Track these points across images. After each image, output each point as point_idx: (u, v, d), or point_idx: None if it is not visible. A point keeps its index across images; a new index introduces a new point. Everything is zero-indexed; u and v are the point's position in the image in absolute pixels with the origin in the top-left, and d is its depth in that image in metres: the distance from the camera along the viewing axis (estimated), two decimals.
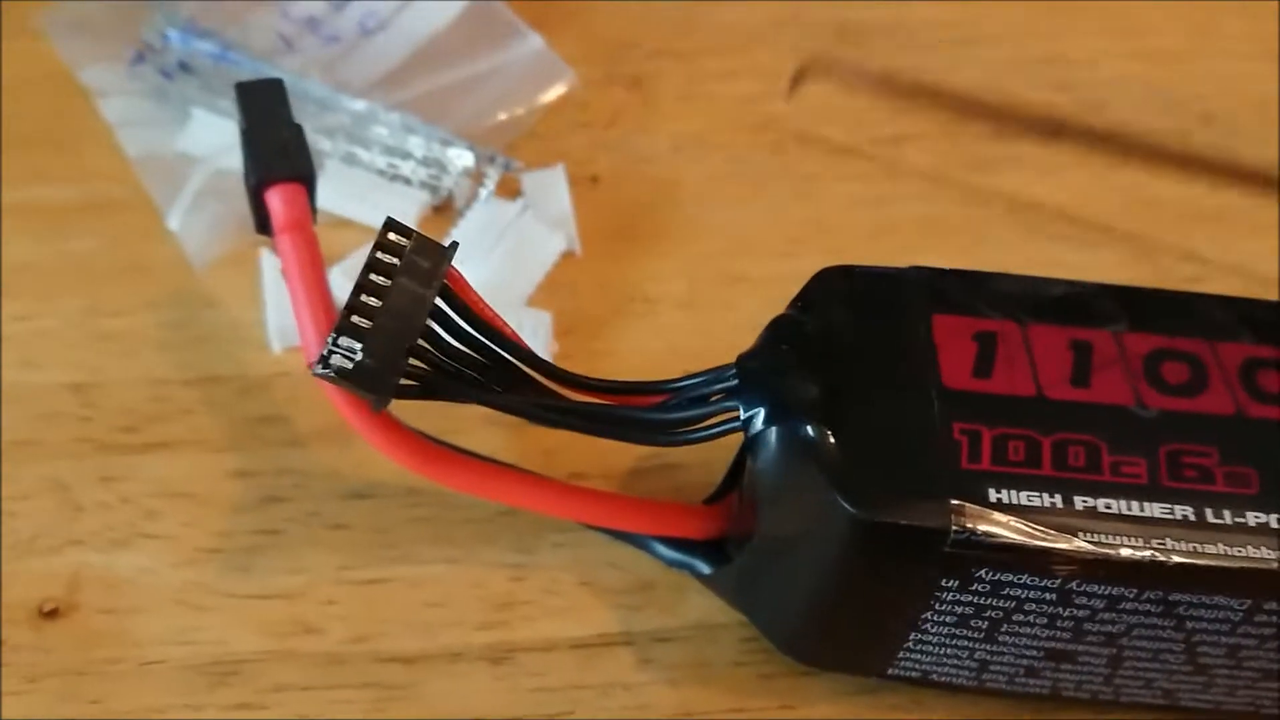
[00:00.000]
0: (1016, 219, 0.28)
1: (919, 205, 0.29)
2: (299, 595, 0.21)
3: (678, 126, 0.30)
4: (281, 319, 0.25)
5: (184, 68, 0.29)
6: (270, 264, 0.26)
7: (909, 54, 0.33)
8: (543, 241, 0.26)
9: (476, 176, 0.27)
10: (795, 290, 0.27)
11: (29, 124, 0.30)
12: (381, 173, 0.28)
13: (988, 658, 0.18)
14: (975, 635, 0.18)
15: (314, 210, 0.21)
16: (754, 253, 0.28)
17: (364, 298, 0.18)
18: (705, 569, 0.20)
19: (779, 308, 0.26)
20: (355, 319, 0.18)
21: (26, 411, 0.24)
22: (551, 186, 0.28)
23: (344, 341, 0.17)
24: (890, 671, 0.19)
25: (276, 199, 0.21)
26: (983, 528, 0.17)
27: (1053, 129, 0.31)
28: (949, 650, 0.18)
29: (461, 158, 0.27)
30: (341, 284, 0.25)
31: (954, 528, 0.16)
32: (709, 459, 0.22)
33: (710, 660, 0.21)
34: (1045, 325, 0.19)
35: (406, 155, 0.27)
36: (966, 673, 0.19)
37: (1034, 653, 0.18)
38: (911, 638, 0.18)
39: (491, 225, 0.26)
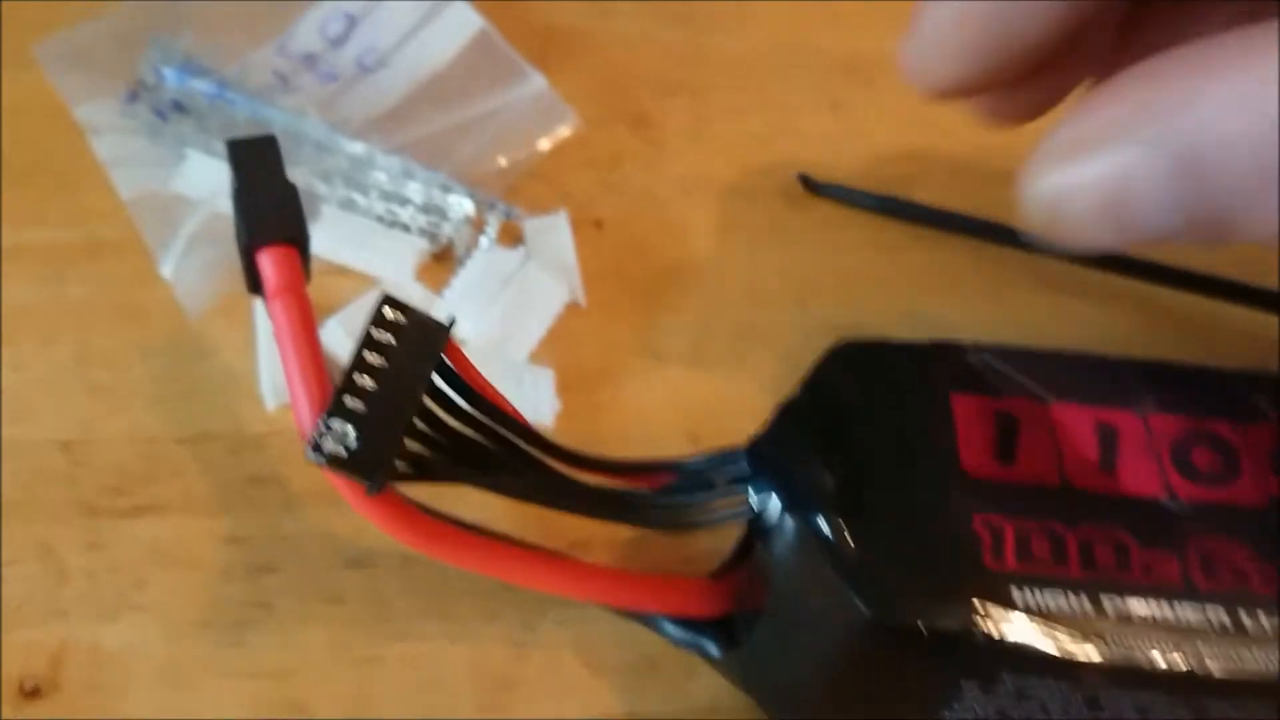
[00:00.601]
0: (1033, 266, 0.28)
1: (933, 251, 0.28)
2: (291, 674, 0.21)
3: (685, 167, 0.30)
4: (275, 374, 0.24)
5: (178, 107, 0.28)
6: (265, 315, 0.25)
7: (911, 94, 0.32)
8: (546, 293, 0.26)
9: (477, 224, 0.27)
10: (806, 344, 0.27)
11: (27, 160, 0.29)
12: (380, 219, 0.27)
13: None
14: None
15: (308, 270, 0.21)
16: (765, 303, 0.27)
17: (358, 377, 0.17)
18: (713, 650, 0.20)
19: (789, 362, 0.26)
20: (348, 400, 0.17)
21: (17, 470, 0.23)
22: (554, 233, 0.27)
23: (336, 425, 0.17)
24: None
25: (268, 262, 0.20)
26: (1006, 632, 0.16)
27: None
28: None
29: (462, 205, 0.26)
30: (338, 336, 0.25)
31: (976, 632, 0.16)
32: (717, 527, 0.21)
33: None
34: (1069, 404, 0.18)
35: (405, 201, 0.27)
36: None
37: None
38: None
39: (492, 275, 0.26)
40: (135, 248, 0.27)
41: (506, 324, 0.25)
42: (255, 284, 0.21)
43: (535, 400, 0.24)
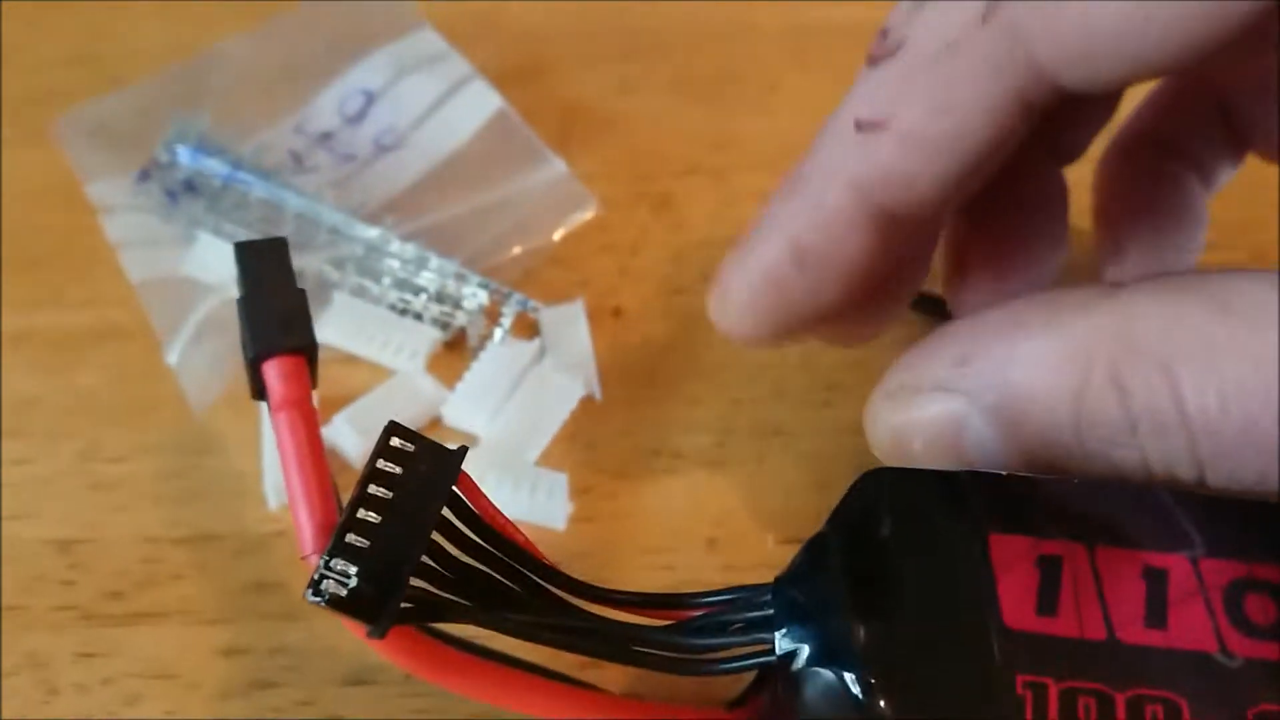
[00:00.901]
0: None
1: None
2: None
3: (708, 253, 0.29)
4: (279, 472, 0.23)
5: (189, 187, 0.28)
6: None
7: None
8: (561, 392, 0.25)
9: (492, 314, 0.26)
10: (831, 445, 0.26)
11: (37, 241, 0.29)
12: (392, 307, 0.26)
13: None
14: None
15: (315, 376, 0.20)
16: (790, 399, 0.26)
17: (362, 513, 0.16)
18: None
19: (812, 465, 0.25)
20: (351, 538, 0.16)
21: (15, 572, 0.22)
22: (571, 324, 0.26)
23: (338, 565, 0.16)
24: None
25: (274, 373, 0.19)
26: None
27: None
28: None
29: (476, 296, 0.26)
30: (346, 433, 0.24)
31: None
32: None
33: None
34: (1114, 549, 0.17)
35: (419, 290, 0.26)
36: None
37: None
38: None
39: (506, 370, 0.25)
40: (145, 333, 0.26)
41: (519, 423, 0.24)
42: (260, 391, 0.20)
43: (548, 506, 0.23)
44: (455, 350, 0.26)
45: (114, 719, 0.21)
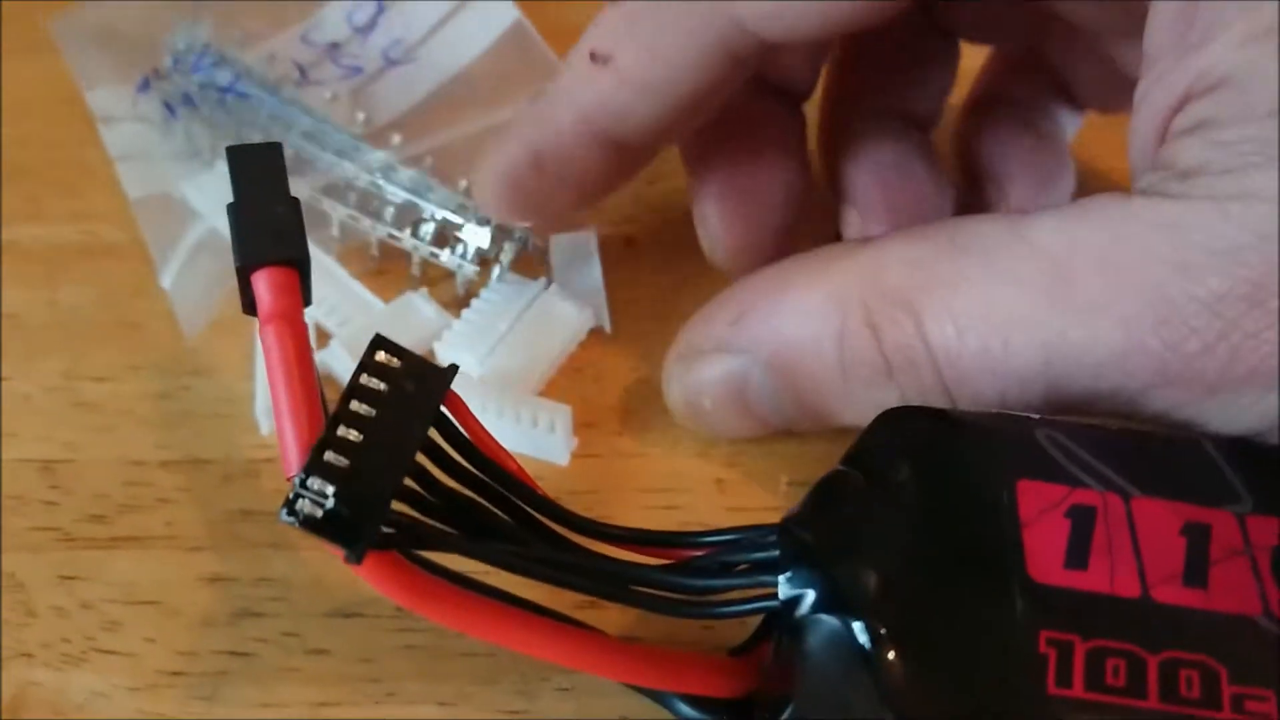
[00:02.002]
0: None
1: None
2: None
3: None
4: (270, 397, 0.22)
5: (188, 101, 0.26)
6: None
7: None
8: (566, 320, 0.23)
9: (497, 242, 0.24)
10: None
11: (31, 153, 0.27)
12: (391, 236, 0.25)
13: None
14: None
15: (308, 292, 0.19)
16: None
17: (342, 430, 0.15)
18: None
19: None
20: (330, 455, 0.15)
21: None
22: (581, 253, 0.25)
23: (315, 483, 0.15)
24: None
25: (264, 285, 0.18)
26: None
27: None
28: None
29: (477, 235, 0.24)
30: (342, 357, 0.23)
31: None
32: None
33: None
34: (1154, 500, 0.15)
35: (420, 221, 0.24)
36: None
37: None
38: None
39: (509, 303, 0.24)
40: (136, 251, 0.25)
41: (522, 353, 0.23)
42: (250, 305, 0.19)
43: (549, 441, 0.22)
44: (451, 281, 0.25)
45: (92, 644, 0.20)
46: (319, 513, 0.15)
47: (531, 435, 0.22)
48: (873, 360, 0.18)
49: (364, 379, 0.15)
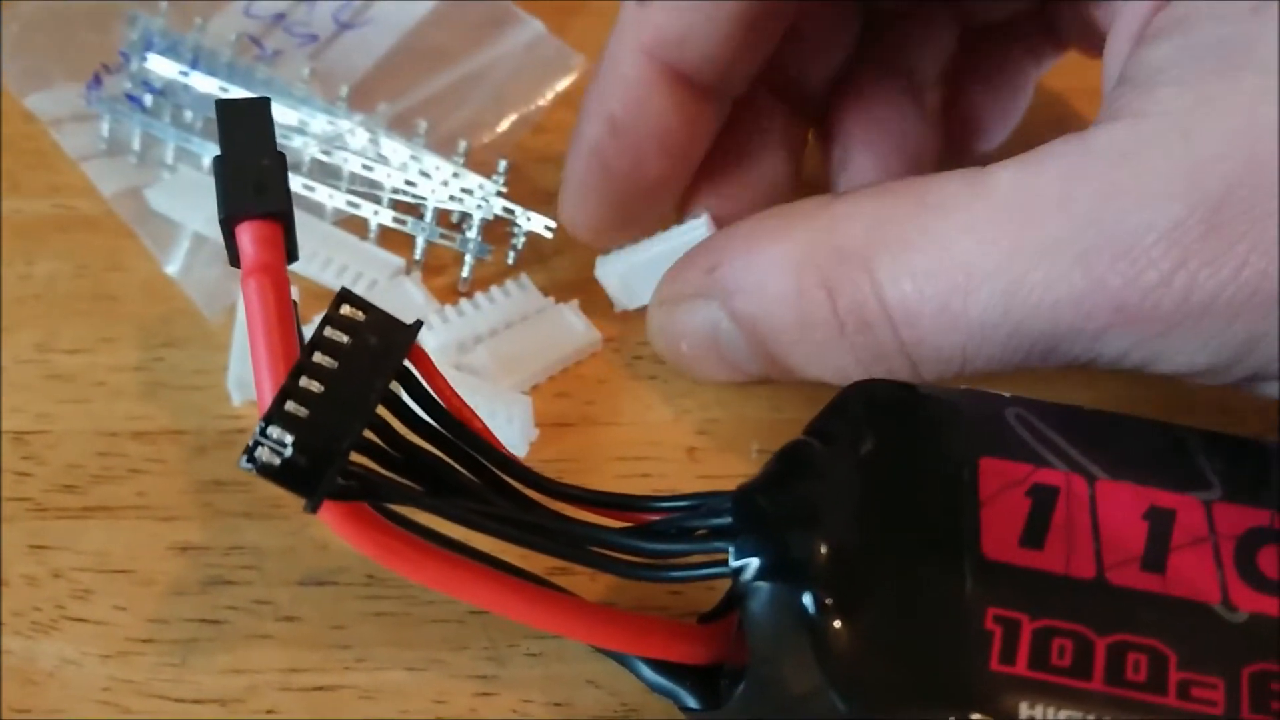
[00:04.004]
0: None
1: None
2: (237, 701, 0.19)
3: None
4: (245, 367, 0.22)
5: (150, 90, 0.26)
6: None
7: None
8: (573, 334, 0.23)
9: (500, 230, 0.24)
10: None
11: (5, 126, 0.27)
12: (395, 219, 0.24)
13: None
14: None
15: (293, 248, 0.19)
16: None
17: (304, 381, 0.15)
18: (690, 702, 0.17)
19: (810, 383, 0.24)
20: (291, 405, 0.15)
21: None
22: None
23: (274, 432, 0.15)
24: None
25: (247, 237, 0.18)
26: None
27: None
28: None
29: (482, 207, 0.24)
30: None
31: None
32: None
33: None
34: (1119, 483, 0.15)
35: (418, 199, 0.24)
36: None
37: None
38: None
39: (507, 307, 0.23)
40: (111, 226, 0.25)
41: (510, 354, 0.23)
42: (236, 257, 0.19)
43: (508, 431, 0.21)
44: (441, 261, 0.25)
45: (63, 612, 0.20)
46: (277, 461, 0.15)
47: (489, 426, 0.21)
48: (826, 321, 0.18)
49: (328, 331, 0.15)
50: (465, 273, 0.24)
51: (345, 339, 0.15)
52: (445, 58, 0.27)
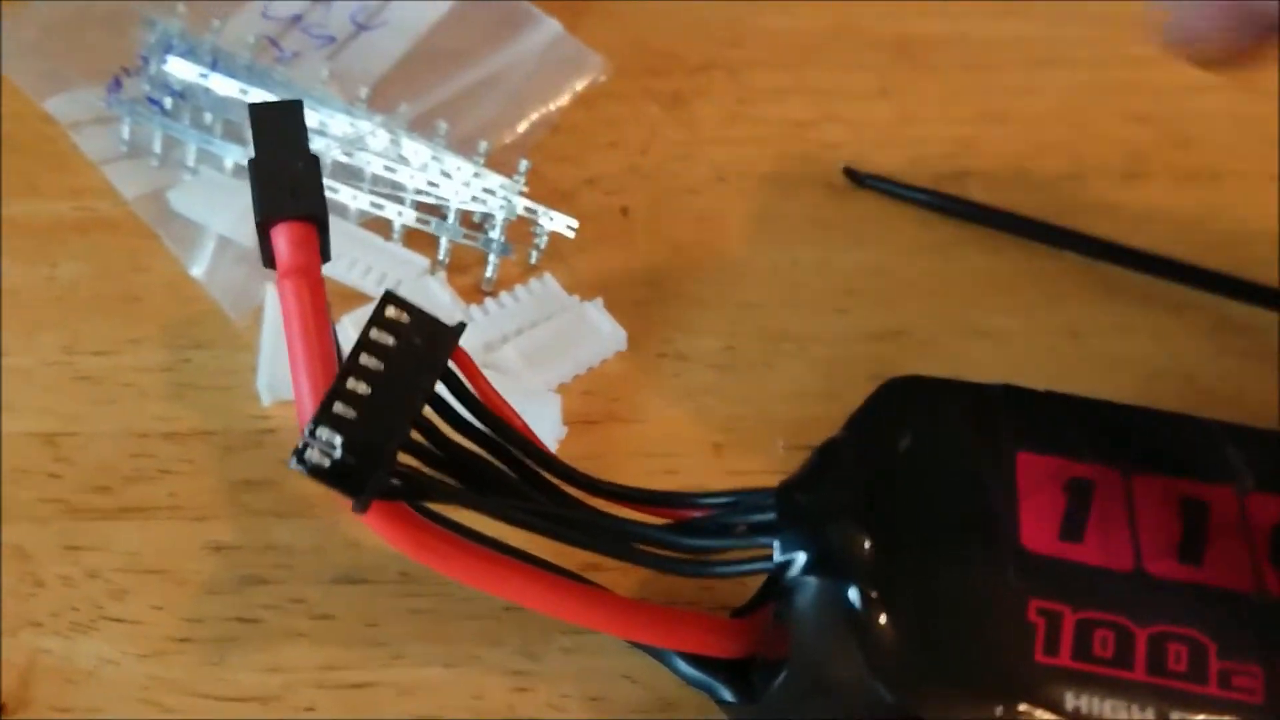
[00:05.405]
0: (1093, 272, 0.25)
1: (986, 253, 0.26)
2: (275, 699, 0.19)
3: (720, 152, 0.27)
4: (274, 368, 0.23)
5: (170, 90, 0.26)
6: (274, 302, 0.23)
7: (976, 74, 0.29)
8: (600, 334, 0.23)
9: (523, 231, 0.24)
10: (844, 352, 0.24)
11: (25, 128, 0.27)
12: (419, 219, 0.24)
13: None
14: None
15: (326, 249, 0.19)
16: (801, 305, 0.25)
17: (351, 382, 0.15)
18: (727, 695, 0.18)
19: (824, 372, 0.24)
20: (339, 407, 0.15)
21: None
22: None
23: (323, 433, 0.15)
24: None
25: (282, 239, 0.18)
26: None
27: (1134, 166, 0.27)
28: None
29: (505, 207, 0.24)
30: (351, 336, 0.23)
31: None
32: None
33: None
34: (1154, 476, 0.16)
35: (441, 201, 0.24)
36: None
37: None
38: None
39: (532, 305, 0.23)
40: (132, 227, 0.25)
41: (537, 356, 0.23)
42: (271, 259, 0.19)
43: (538, 429, 0.22)
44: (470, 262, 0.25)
45: (101, 612, 0.20)
46: (326, 462, 0.15)
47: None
48: None
49: (373, 333, 0.16)
50: (489, 272, 0.24)
51: (391, 340, 0.16)
52: (463, 58, 0.27)
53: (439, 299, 0.24)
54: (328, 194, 0.24)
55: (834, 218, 0.26)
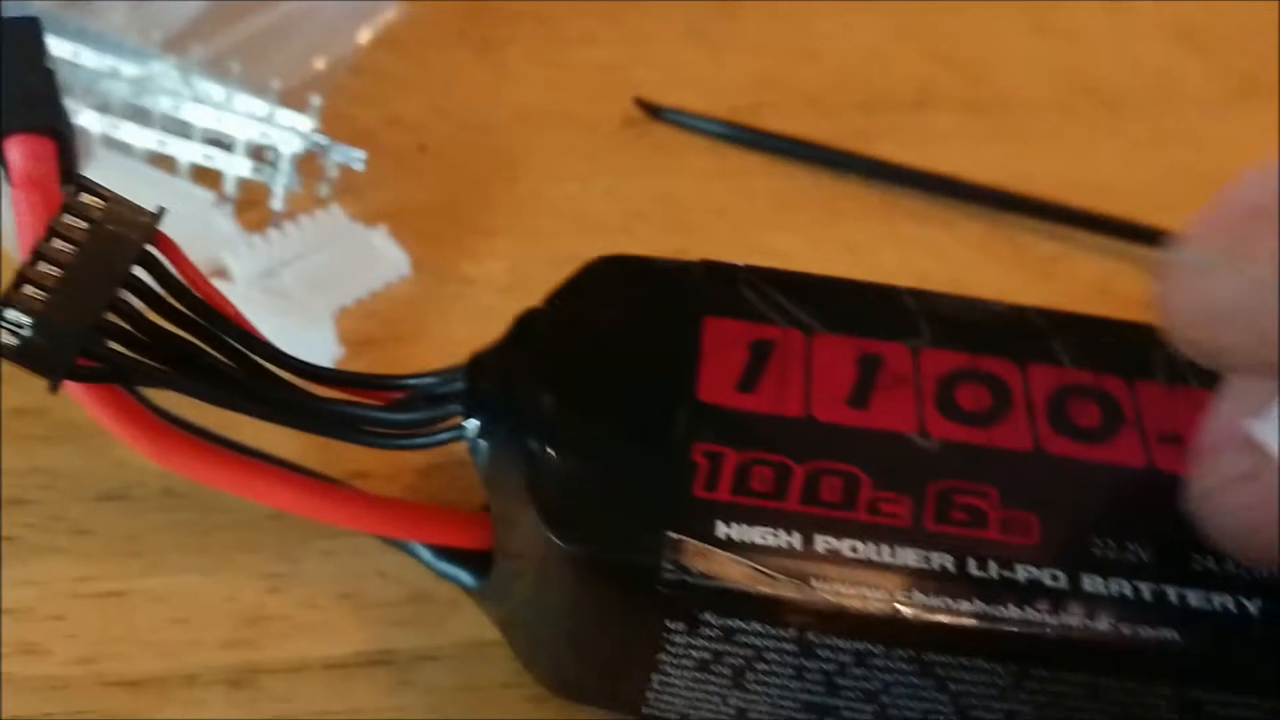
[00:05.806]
0: (876, 194, 0.26)
1: (775, 180, 0.26)
2: (26, 611, 0.19)
3: (526, 95, 0.28)
4: None
5: None
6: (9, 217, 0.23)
7: (787, 21, 0.30)
8: (383, 258, 0.24)
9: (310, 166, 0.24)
10: None
11: None
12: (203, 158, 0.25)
13: (743, 705, 0.16)
14: (721, 681, 0.15)
15: (72, 165, 0.19)
16: (591, 231, 0.25)
17: (41, 266, 0.16)
18: (468, 580, 0.18)
19: None
20: (28, 289, 0.15)
21: None
22: None
23: (11, 315, 0.15)
24: (646, 711, 0.17)
25: (15, 151, 0.18)
26: (701, 568, 0.14)
27: (924, 97, 0.28)
28: (699, 695, 0.16)
29: (290, 144, 0.24)
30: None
31: (666, 566, 0.14)
32: None
33: (477, 682, 0.18)
34: (835, 335, 0.16)
35: (228, 140, 0.25)
36: (725, 719, 0.16)
37: (790, 704, 0.16)
38: (655, 679, 0.16)
39: (316, 232, 0.24)
40: None
41: (316, 280, 0.23)
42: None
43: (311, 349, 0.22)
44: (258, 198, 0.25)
45: None
46: (15, 342, 0.15)
47: (291, 348, 0.22)
48: None
49: (65, 218, 0.16)
50: (277, 205, 0.24)
51: (84, 225, 0.16)
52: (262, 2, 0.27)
53: (222, 230, 0.24)
54: (110, 131, 0.25)
55: (630, 150, 0.27)
